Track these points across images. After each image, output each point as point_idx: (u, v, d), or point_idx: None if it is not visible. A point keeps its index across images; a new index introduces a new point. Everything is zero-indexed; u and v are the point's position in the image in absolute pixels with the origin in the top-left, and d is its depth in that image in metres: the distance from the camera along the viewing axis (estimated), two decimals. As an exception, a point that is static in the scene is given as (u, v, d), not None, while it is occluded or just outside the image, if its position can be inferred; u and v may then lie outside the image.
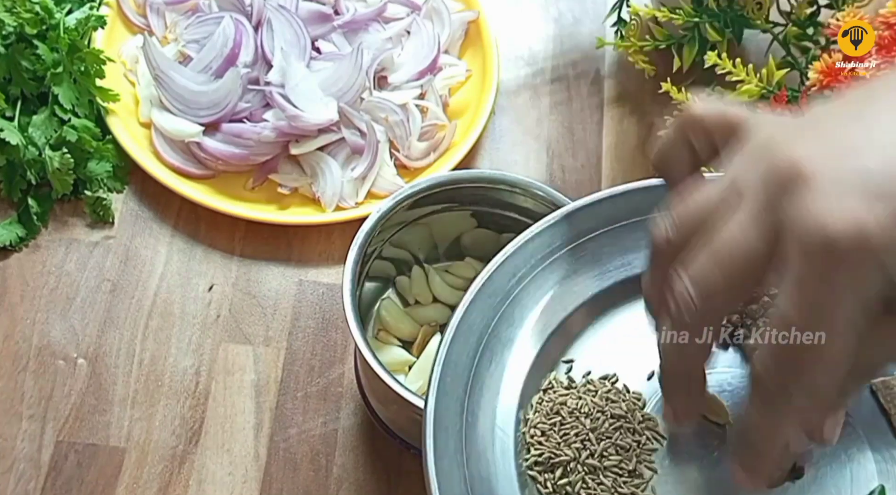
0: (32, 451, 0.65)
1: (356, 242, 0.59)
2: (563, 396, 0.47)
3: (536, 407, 0.47)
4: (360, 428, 0.68)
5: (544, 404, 0.47)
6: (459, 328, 0.47)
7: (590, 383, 0.48)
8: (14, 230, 0.73)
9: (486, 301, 0.48)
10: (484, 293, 0.49)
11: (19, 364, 0.68)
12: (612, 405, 0.47)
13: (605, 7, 0.85)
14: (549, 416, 0.46)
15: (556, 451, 0.45)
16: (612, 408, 0.47)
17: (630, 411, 0.47)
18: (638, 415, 0.47)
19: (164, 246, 0.74)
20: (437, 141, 0.78)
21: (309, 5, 0.79)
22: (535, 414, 0.47)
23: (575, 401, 0.47)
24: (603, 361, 0.49)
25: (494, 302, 0.49)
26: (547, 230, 0.51)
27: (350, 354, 0.70)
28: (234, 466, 0.66)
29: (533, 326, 0.49)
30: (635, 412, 0.47)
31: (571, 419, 0.46)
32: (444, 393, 0.45)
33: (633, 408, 0.47)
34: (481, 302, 0.48)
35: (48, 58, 0.74)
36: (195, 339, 0.70)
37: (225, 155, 0.75)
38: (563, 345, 0.49)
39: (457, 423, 0.45)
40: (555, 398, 0.47)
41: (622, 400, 0.47)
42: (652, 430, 0.46)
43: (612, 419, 0.46)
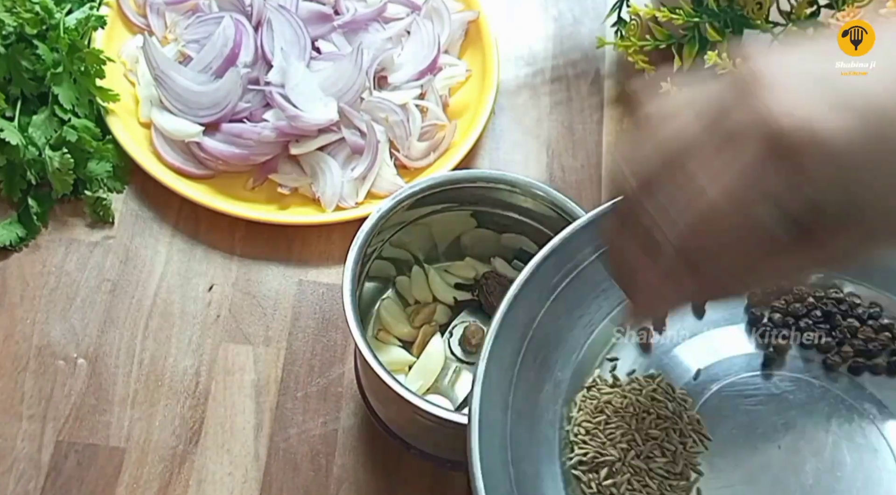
0: (32, 451, 0.65)
1: (356, 242, 0.59)
2: (608, 395, 0.46)
3: (581, 405, 0.46)
4: (360, 428, 0.68)
5: (588, 402, 0.46)
6: (503, 324, 0.46)
7: (635, 381, 0.47)
8: (14, 230, 0.73)
9: (530, 297, 0.47)
10: (528, 289, 0.47)
11: (19, 364, 0.68)
12: (657, 405, 0.46)
13: (605, 7, 0.85)
14: (593, 415, 0.46)
15: (602, 451, 0.44)
16: (658, 408, 0.46)
17: (676, 412, 0.46)
18: (685, 416, 0.46)
19: (164, 246, 0.74)
20: (437, 141, 0.77)
21: (309, 5, 0.79)
22: (580, 412, 0.46)
23: (620, 400, 0.46)
24: (648, 360, 0.48)
25: (539, 297, 0.47)
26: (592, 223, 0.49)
27: (350, 354, 0.70)
28: (234, 466, 0.66)
29: (577, 323, 0.48)
30: (682, 413, 0.46)
31: (617, 418, 0.45)
32: (488, 390, 0.44)
33: (680, 409, 0.46)
34: (525, 298, 0.47)
35: (48, 58, 0.74)
36: (195, 339, 0.70)
37: (225, 155, 0.75)
38: (608, 342, 0.48)
39: (501, 420, 0.44)
40: (599, 396, 0.46)
41: (668, 400, 0.46)
42: (698, 433, 0.46)
43: (658, 419, 0.45)
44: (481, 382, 0.44)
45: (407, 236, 0.66)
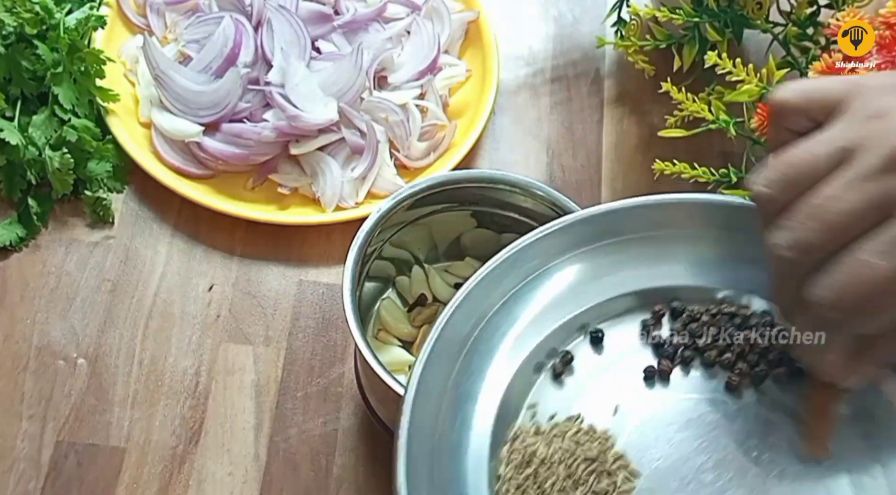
0: (32, 451, 0.65)
1: (356, 242, 0.59)
2: (533, 445, 0.46)
3: (507, 460, 0.46)
4: (360, 428, 0.68)
5: (515, 455, 0.46)
6: (419, 389, 0.45)
7: (556, 426, 0.47)
8: (14, 230, 0.73)
9: (444, 353, 0.47)
10: (441, 344, 0.47)
11: (19, 364, 0.68)
12: (582, 448, 0.46)
13: (605, 7, 0.85)
14: (520, 469, 0.45)
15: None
16: (584, 451, 0.46)
17: (602, 452, 0.46)
18: (609, 456, 0.46)
19: (164, 246, 0.74)
20: (437, 141, 0.77)
21: (309, 5, 0.79)
22: (507, 468, 0.45)
23: (545, 449, 0.46)
24: (567, 401, 0.48)
25: (452, 352, 0.47)
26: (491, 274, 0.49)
27: (350, 354, 0.70)
28: (234, 466, 0.66)
29: (491, 376, 0.48)
30: (607, 452, 0.46)
31: (544, 468, 0.45)
32: (412, 466, 0.43)
33: (605, 448, 0.46)
34: (439, 355, 0.47)
35: (48, 58, 0.74)
36: (195, 339, 0.70)
37: (225, 155, 0.75)
38: (525, 389, 0.48)
39: (428, 493, 0.44)
40: (524, 447, 0.46)
41: (591, 440, 0.46)
42: (625, 469, 0.46)
43: (585, 461, 0.45)
44: (404, 459, 0.43)
45: (407, 236, 0.66)
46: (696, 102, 0.70)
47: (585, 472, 0.45)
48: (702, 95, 0.73)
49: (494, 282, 0.49)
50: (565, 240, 0.51)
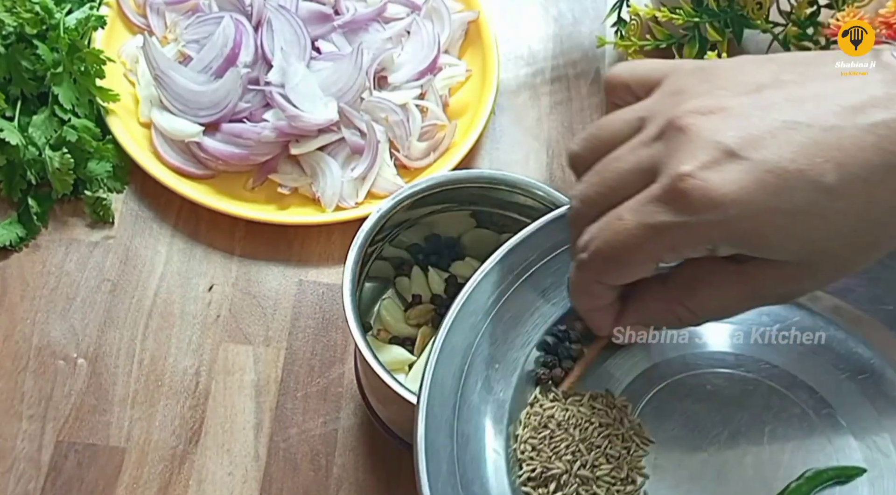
0: (32, 451, 0.65)
1: (356, 242, 0.59)
2: (550, 409, 0.47)
3: (525, 422, 0.47)
4: (360, 428, 0.68)
5: (532, 418, 0.47)
6: (443, 350, 0.47)
7: (575, 393, 0.48)
8: (14, 230, 0.73)
9: (467, 320, 0.48)
10: (464, 312, 0.48)
11: (19, 364, 0.68)
12: (598, 413, 0.47)
13: (605, 7, 0.85)
14: (537, 430, 0.47)
15: (548, 465, 0.45)
16: (600, 417, 0.47)
17: (617, 419, 0.47)
18: (626, 422, 0.47)
19: (164, 246, 0.74)
20: (437, 141, 0.77)
21: (309, 5, 0.79)
22: (525, 430, 0.47)
23: (562, 413, 0.47)
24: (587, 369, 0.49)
25: (475, 320, 0.48)
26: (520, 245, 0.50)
27: (350, 354, 0.70)
28: (234, 466, 0.66)
29: (515, 341, 0.49)
30: (623, 419, 0.47)
31: (560, 431, 0.46)
32: (432, 416, 0.45)
33: (621, 416, 0.47)
34: (462, 322, 0.48)
35: (48, 58, 0.74)
36: (195, 339, 0.70)
37: (225, 155, 0.75)
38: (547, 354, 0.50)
39: (448, 446, 0.45)
40: (542, 411, 0.47)
41: (608, 407, 0.47)
42: (640, 436, 0.47)
43: (600, 427, 0.46)
44: (424, 410, 0.45)
45: (407, 236, 0.66)
46: (696, 102, 0.70)
47: (599, 436, 0.46)
48: (702, 95, 0.72)
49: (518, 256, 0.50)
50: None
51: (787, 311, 0.50)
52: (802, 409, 0.47)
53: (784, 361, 0.49)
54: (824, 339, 0.49)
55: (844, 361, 0.49)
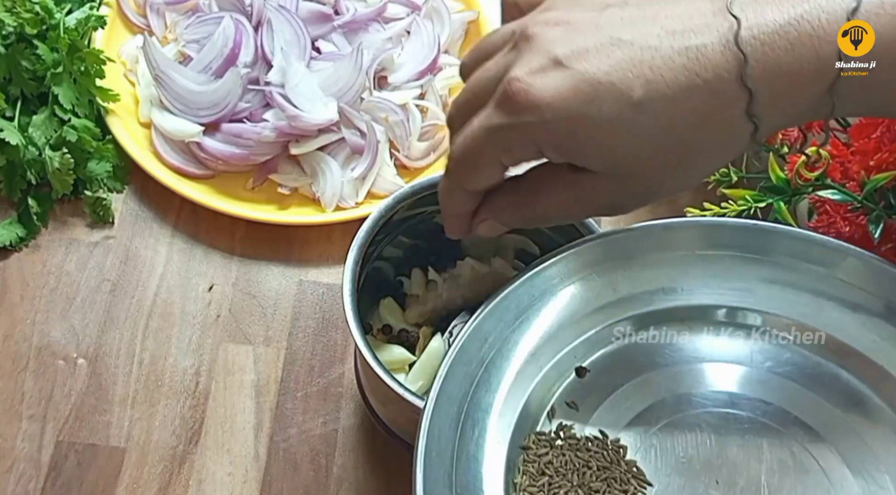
0: (32, 451, 0.65)
1: (356, 242, 0.59)
2: (547, 455, 0.47)
3: (523, 470, 0.47)
4: (360, 428, 0.68)
5: (530, 465, 0.47)
6: (438, 400, 0.47)
7: (571, 437, 0.48)
8: (14, 230, 0.73)
9: (461, 369, 0.48)
10: (459, 362, 0.48)
11: (19, 364, 0.68)
12: (595, 457, 0.47)
13: (605, 7, 0.85)
14: (536, 478, 0.47)
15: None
16: (597, 460, 0.47)
17: (614, 461, 0.47)
18: (622, 464, 0.47)
19: (164, 246, 0.74)
20: (437, 141, 0.78)
21: (309, 5, 0.79)
22: (524, 477, 0.47)
23: (559, 458, 0.47)
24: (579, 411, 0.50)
25: (470, 369, 0.48)
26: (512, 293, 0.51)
27: (350, 354, 0.70)
28: (234, 466, 0.66)
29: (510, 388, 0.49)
30: (619, 461, 0.47)
31: (558, 477, 0.46)
32: (430, 467, 0.45)
33: (616, 457, 0.47)
34: (457, 371, 0.48)
35: (48, 58, 0.74)
36: (195, 339, 0.70)
37: (225, 155, 0.75)
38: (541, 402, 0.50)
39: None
40: (539, 458, 0.47)
41: (604, 449, 0.48)
42: (637, 478, 0.47)
43: (597, 471, 0.47)
44: (422, 461, 0.45)
45: (407, 236, 0.66)
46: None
47: (597, 480, 0.46)
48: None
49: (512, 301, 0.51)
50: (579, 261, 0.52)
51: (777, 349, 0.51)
52: (798, 445, 0.48)
53: (778, 398, 0.49)
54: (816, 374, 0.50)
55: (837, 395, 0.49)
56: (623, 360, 0.51)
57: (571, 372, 0.50)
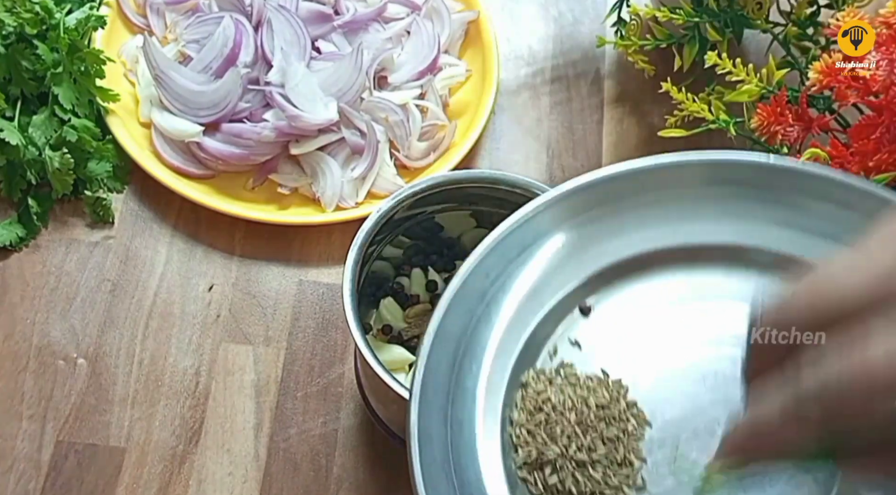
0: (32, 451, 0.65)
1: (356, 242, 0.59)
2: (545, 391, 0.47)
3: (520, 405, 0.46)
4: (360, 428, 0.68)
5: (528, 401, 0.47)
6: (437, 335, 0.46)
7: (570, 375, 0.48)
8: (14, 230, 0.73)
9: (462, 304, 0.48)
10: (459, 297, 0.48)
11: (19, 364, 0.68)
12: (594, 395, 0.46)
13: (605, 7, 0.85)
14: (532, 414, 0.46)
15: (544, 450, 0.45)
16: (595, 398, 0.46)
17: (613, 399, 0.46)
18: (622, 403, 0.46)
19: (164, 246, 0.74)
20: (437, 141, 0.78)
21: (309, 5, 0.79)
22: (520, 413, 0.46)
23: (557, 395, 0.46)
24: (582, 350, 0.49)
25: (470, 305, 0.48)
26: (516, 229, 0.50)
27: (350, 354, 0.70)
28: (234, 466, 0.66)
29: (509, 325, 0.48)
30: (619, 399, 0.46)
31: (556, 414, 0.46)
32: (426, 403, 0.45)
33: (616, 396, 0.46)
34: (457, 307, 0.47)
35: (48, 58, 0.74)
36: (195, 339, 0.70)
37: (225, 155, 0.75)
38: (542, 339, 0.49)
39: (442, 433, 0.45)
40: (537, 395, 0.47)
41: (603, 388, 0.47)
42: (636, 417, 0.46)
43: (595, 409, 0.46)
44: (418, 398, 0.45)
45: (407, 236, 0.66)
46: (696, 102, 0.70)
47: (595, 419, 0.46)
48: (702, 95, 0.73)
49: (515, 238, 0.49)
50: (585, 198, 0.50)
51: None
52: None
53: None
54: None
55: None
56: (629, 300, 0.50)
57: (575, 311, 0.49)
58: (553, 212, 0.50)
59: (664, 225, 0.51)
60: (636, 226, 0.51)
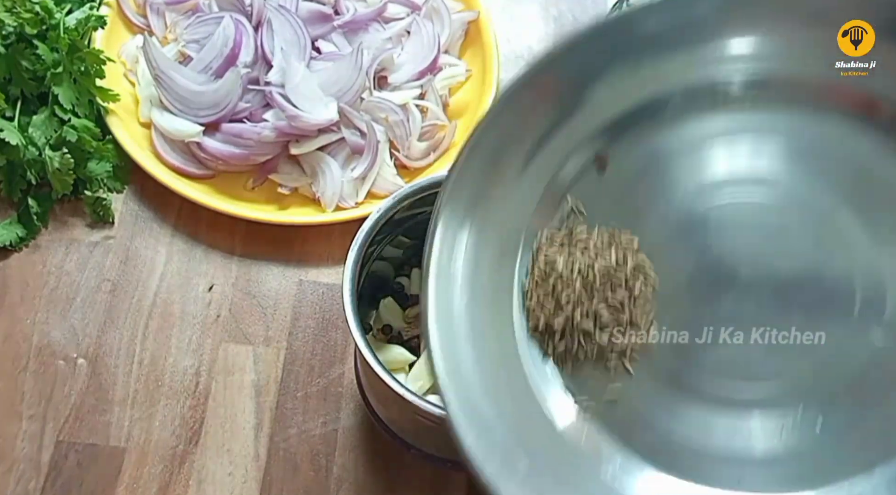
0: (32, 451, 0.65)
1: (356, 242, 0.59)
2: (554, 256, 0.46)
3: (531, 271, 0.46)
4: (360, 428, 0.68)
5: (537, 268, 0.46)
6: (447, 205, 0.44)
7: (581, 238, 0.47)
8: (14, 230, 0.73)
9: (473, 165, 0.45)
10: (472, 158, 0.45)
11: (19, 364, 0.68)
12: (602, 258, 0.46)
13: (605, 7, 0.85)
14: (543, 280, 0.46)
15: (551, 318, 0.45)
16: (603, 261, 0.46)
17: (621, 261, 0.46)
18: (629, 263, 0.46)
19: (164, 246, 0.74)
20: (437, 141, 0.77)
21: (309, 5, 0.79)
22: (531, 279, 0.46)
23: (565, 260, 0.46)
24: (593, 209, 0.48)
25: (483, 165, 0.46)
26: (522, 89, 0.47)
27: (350, 354, 0.70)
28: (234, 466, 0.66)
29: (522, 185, 0.47)
30: (627, 260, 0.46)
31: (562, 282, 0.45)
32: (440, 276, 0.44)
33: (625, 256, 0.46)
34: (471, 166, 0.45)
35: (48, 58, 0.74)
36: (195, 339, 0.70)
37: (225, 155, 0.75)
38: (555, 203, 0.48)
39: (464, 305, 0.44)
40: (548, 260, 0.46)
41: (613, 248, 0.46)
42: (643, 280, 0.45)
43: (601, 274, 0.45)
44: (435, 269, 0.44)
45: (407, 236, 0.66)
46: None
47: (601, 284, 0.45)
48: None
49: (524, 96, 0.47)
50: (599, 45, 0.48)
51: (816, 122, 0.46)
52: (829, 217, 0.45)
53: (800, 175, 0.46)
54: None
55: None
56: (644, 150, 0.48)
57: (591, 166, 0.48)
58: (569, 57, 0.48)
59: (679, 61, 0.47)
60: (652, 66, 0.48)
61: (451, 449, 0.56)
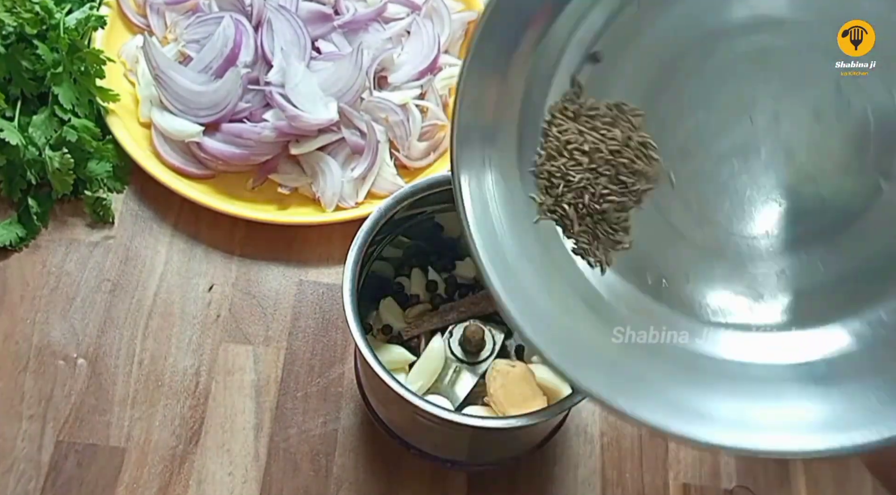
0: (32, 451, 0.65)
1: (356, 242, 0.59)
2: (565, 133, 0.46)
3: (543, 145, 0.47)
4: (360, 428, 0.68)
5: (550, 141, 0.47)
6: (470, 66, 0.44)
7: (588, 113, 0.47)
8: (14, 230, 0.73)
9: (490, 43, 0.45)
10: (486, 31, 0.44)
11: (19, 364, 0.68)
12: (608, 137, 0.46)
13: None
14: (553, 158, 0.46)
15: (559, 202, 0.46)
16: (609, 141, 0.46)
17: (627, 136, 0.46)
18: (635, 139, 0.46)
19: (164, 246, 0.74)
20: (437, 141, 0.78)
21: (309, 5, 0.79)
22: (542, 157, 0.46)
23: (575, 137, 0.46)
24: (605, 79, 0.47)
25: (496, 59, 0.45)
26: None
27: (350, 354, 0.70)
28: (234, 466, 0.66)
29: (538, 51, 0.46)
30: (631, 136, 0.46)
31: (572, 161, 0.46)
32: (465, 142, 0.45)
33: (630, 132, 0.46)
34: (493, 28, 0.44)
35: (48, 58, 0.74)
36: (195, 339, 0.70)
37: (225, 155, 0.75)
38: (573, 65, 0.47)
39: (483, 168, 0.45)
40: (558, 134, 0.46)
41: (620, 121, 0.46)
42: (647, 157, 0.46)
43: (609, 153, 0.46)
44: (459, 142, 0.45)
45: (407, 236, 0.66)
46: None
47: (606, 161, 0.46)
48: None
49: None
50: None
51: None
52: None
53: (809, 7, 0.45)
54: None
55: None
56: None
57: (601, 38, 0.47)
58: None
59: None
60: None
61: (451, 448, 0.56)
